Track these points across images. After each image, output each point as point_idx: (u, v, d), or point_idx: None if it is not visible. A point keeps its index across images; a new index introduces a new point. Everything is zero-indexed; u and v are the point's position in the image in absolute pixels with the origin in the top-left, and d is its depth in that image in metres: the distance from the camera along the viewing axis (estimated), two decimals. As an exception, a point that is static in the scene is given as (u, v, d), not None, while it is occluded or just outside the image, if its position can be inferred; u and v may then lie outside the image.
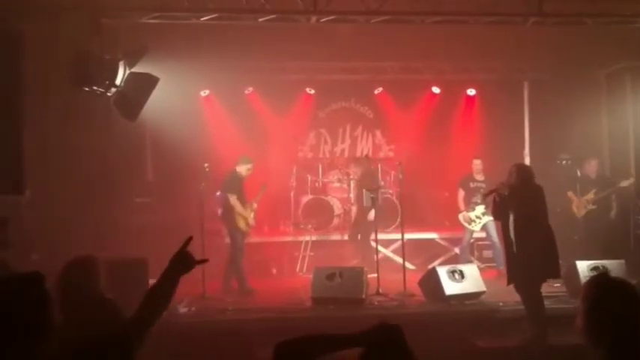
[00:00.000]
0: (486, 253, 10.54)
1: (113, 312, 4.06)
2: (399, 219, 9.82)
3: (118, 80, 7.52)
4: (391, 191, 11.57)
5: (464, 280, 7.87)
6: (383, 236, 9.94)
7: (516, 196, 6.83)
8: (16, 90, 6.98)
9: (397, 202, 10.64)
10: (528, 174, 7.04)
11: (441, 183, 11.70)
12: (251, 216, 9.02)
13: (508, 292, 7.09)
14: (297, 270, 10.43)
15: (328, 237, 10.98)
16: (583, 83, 10.79)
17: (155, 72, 7.71)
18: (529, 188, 6.89)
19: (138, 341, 2.37)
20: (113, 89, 7.55)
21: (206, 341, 6.57)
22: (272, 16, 7.69)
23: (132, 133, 9.35)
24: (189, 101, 10.97)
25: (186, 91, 10.53)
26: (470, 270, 8.10)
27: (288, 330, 2.32)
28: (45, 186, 8.56)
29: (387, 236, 10.48)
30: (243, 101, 11.88)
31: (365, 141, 12.91)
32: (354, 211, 10.72)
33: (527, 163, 11.17)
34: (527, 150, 11.83)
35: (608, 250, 8.67)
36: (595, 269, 7.63)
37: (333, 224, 11.15)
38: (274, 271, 10.56)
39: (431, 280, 7.91)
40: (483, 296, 7.92)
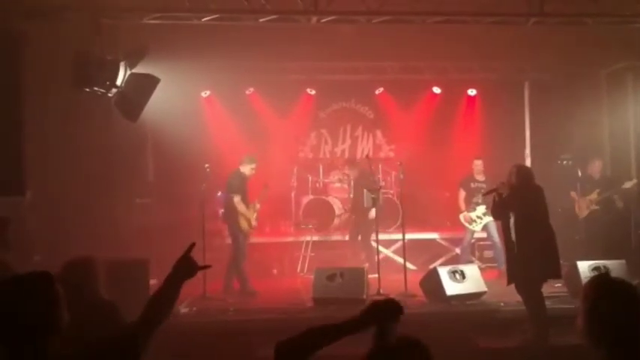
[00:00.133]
0: (487, 254, 10.55)
1: (111, 314, 4.06)
2: (400, 219, 9.82)
3: (119, 81, 7.53)
4: (392, 191, 11.58)
5: (465, 281, 7.86)
6: (384, 236, 9.93)
7: (516, 197, 6.82)
8: (17, 90, 7.00)
9: (398, 203, 10.64)
10: (528, 174, 7.04)
11: (442, 183, 11.69)
12: (254, 217, 9.00)
13: (509, 293, 7.08)
14: (298, 270, 10.43)
15: (329, 237, 11.00)
16: (584, 83, 10.79)
17: (156, 72, 7.72)
18: (529, 189, 6.89)
19: (143, 345, 2.39)
20: (114, 90, 7.55)
21: (207, 342, 6.57)
22: (273, 17, 7.68)
23: (133, 134, 9.35)
24: (190, 102, 10.98)
25: (187, 92, 10.54)
26: (471, 270, 8.09)
27: (289, 330, 2.32)
28: (46, 187, 8.58)
29: (388, 236, 10.47)
30: (244, 102, 11.88)
31: (365, 141, 12.90)
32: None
33: (527, 164, 11.20)
34: (528, 150, 11.82)
35: (609, 251, 8.65)
36: (596, 269, 7.62)
37: (334, 224, 11.16)
38: (275, 272, 10.56)
39: (432, 281, 7.91)
40: (484, 296, 7.91)
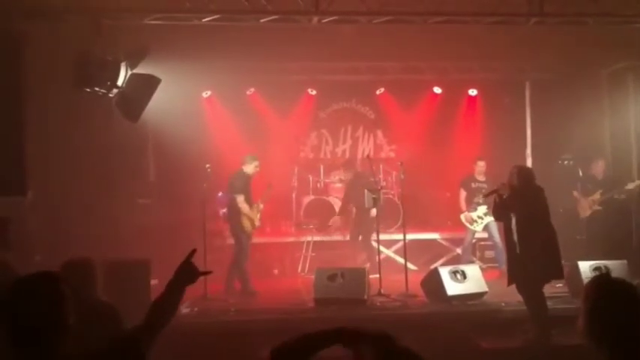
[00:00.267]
0: (488, 254, 10.54)
1: (110, 315, 4.06)
2: (401, 219, 9.82)
3: (120, 81, 7.54)
4: (393, 192, 11.57)
5: (466, 281, 7.86)
6: (385, 237, 9.94)
7: (517, 198, 6.83)
8: (18, 91, 7.00)
9: (399, 203, 10.64)
10: (529, 175, 7.05)
11: (443, 183, 11.69)
12: (257, 217, 8.98)
13: (510, 293, 7.08)
14: (298, 270, 10.44)
15: (330, 237, 10.99)
16: (585, 83, 10.77)
17: (157, 73, 7.72)
18: (530, 189, 6.89)
19: (146, 349, 2.40)
20: (115, 90, 7.56)
21: (208, 342, 6.57)
22: (274, 17, 7.68)
23: (134, 134, 9.35)
24: (190, 102, 10.97)
25: (187, 92, 10.53)
26: (472, 270, 8.09)
27: (290, 331, 2.32)
28: (47, 187, 8.59)
29: (389, 237, 10.47)
30: (244, 102, 11.87)
31: (366, 141, 12.90)
32: (354, 212, 10.72)
33: (528, 164, 11.21)
34: (528, 150, 11.82)
35: (610, 251, 8.65)
36: (597, 269, 7.62)
37: (341, 223, 11.14)
38: (276, 272, 10.57)
39: (433, 281, 7.91)
40: (485, 297, 7.91)
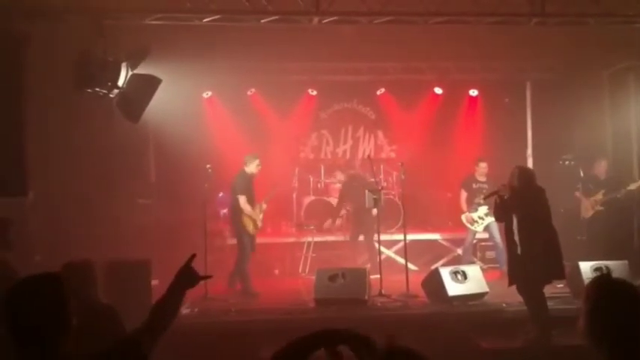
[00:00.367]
0: (489, 254, 10.54)
1: (110, 316, 4.06)
2: (402, 220, 9.81)
3: (121, 82, 7.53)
4: (393, 192, 11.57)
5: (467, 281, 7.86)
6: (385, 237, 9.93)
7: (517, 199, 6.83)
8: (19, 91, 7.00)
9: (399, 203, 10.63)
10: (530, 176, 7.05)
11: (444, 184, 11.69)
12: (259, 217, 8.95)
13: (511, 293, 7.08)
14: (299, 271, 10.44)
15: (331, 238, 10.98)
16: (586, 83, 10.76)
17: (157, 73, 7.72)
18: (530, 190, 6.89)
19: (147, 352, 2.41)
20: (115, 91, 7.56)
21: (209, 342, 6.57)
22: (274, 17, 7.68)
23: (134, 135, 9.35)
24: (191, 102, 10.98)
25: (188, 93, 10.54)
26: (473, 271, 8.08)
27: (291, 331, 2.32)
28: (48, 187, 8.59)
29: (390, 237, 10.47)
30: (245, 102, 11.88)
31: (367, 142, 12.90)
32: (350, 213, 10.76)
33: (529, 164, 11.21)
34: (529, 150, 11.81)
35: (611, 251, 8.64)
36: (598, 270, 7.61)
37: (336, 225, 11.15)
38: (277, 272, 10.58)
39: (434, 281, 7.90)
40: (486, 297, 7.90)
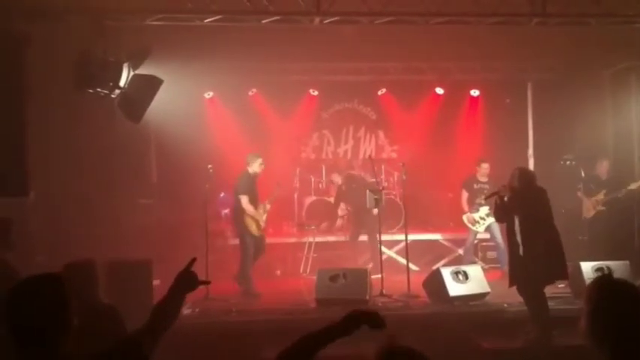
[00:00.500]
0: (490, 254, 10.55)
1: (111, 316, 4.06)
2: (403, 220, 9.81)
3: (122, 82, 7.55)
4: (395, 192, 11.57)
5: (468, 281, 7.86)
6: (387, 237, 9.93)
7: (518, 200, 6.84)
8: (20, 92, 7.01)
9: (401, 204, 10.63)
10: (530, 177, 7.07)
11: (445, 184, 11.69)
12: (263, 218, 8.90)
13: (512, 293, 7.07)
14: (300, 271, 10.44)
15: (332, 238, 10.99)
16: (587, 83, 10.75)
17: (159, 74, 7.73)
18: (530, 191, 6.90)
19: (148, 352, 2.42)
20: (117, 91, 7.57)
21: (210, 342, 6.57)
22: (275, 18, 7.68)
23: (136, 135, 9.36)
24: (193, 103, 10.99)
25: (190, 93, 10.55)
26: (474, 271, 8.08)
27: (292, 331, 2.33)
28: (49, 188, 8.60)
29: (391, 237, 10.48)
30: (246, 103, 11.89)
31: (368, 142, 12.90)
32: (348, 213, 10.78)
33: (530, 164, 11.21)
34: (531, 150, 11.81)
35: (612, 251, 8.63)
36: (599, 270, 7.61)
37: (337, 225, 11.15)
38: (278, 273, 10.58)
39: (435, 281, 7.90)
40: (487, 297, 7.90)
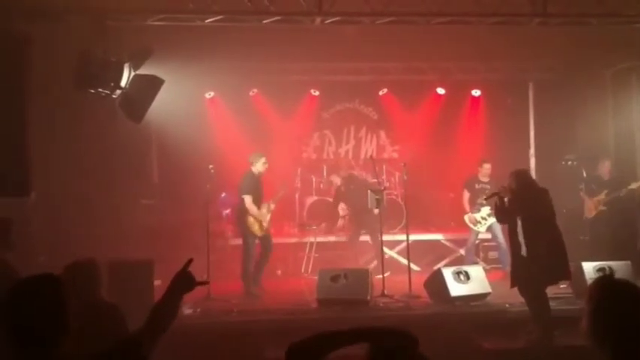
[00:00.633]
0: (492, 255, 10.54)
1: (113, 316, 4.06)
2: (404, 220, 9.80)
3: (123, 82, 7.55)
4: (396, 192, 11.57)
5: (469, 282, 7.85)
6: (388, 237, 9.92)
7: (517, 201, 6.84)
8: (21, 92, 7.01)
9: (402, 204, 10.62)
10: (526, 178, 7.11)
11: (446, 184, 11.68)
12: (266, 218, 8.89)
13: (514, 294, 7.06)
14: (302, 271, 10.44)
15: (333, 238, 10.98)
16: (588, 83, 10.76)
17: (160, 74, 7.73)
18: (530, 192, 6.90)
19: (148, 352, 2.42)
20: (118, 91, 7.57)
21: (211, 342, 6.58)
22: (276, 18, 7.68)
23: (137, 135, 9.37)
24: (194, 103, 11.00)
25: (191, 93, 10.56)
26: (475, 271, 8.08)
27: (293, 331, 2.33)
28: (50, 188, 8.60)
29: (392, 237, 10.47)
30: (247, 103, 11.89)
31: (369, 142, 12.89)
32: (347, 214, 10.77)
33: (531, 164, 11.22)
34: (532, 150, 11.81)
35: (614, 252, 8.63)
36: (601, 270, 7.61)
37: (338, 225, 11.14)
38: (279, 273, 10.57)
39: (436, 282, 7.90)
40: (489, 297, 7.89)
